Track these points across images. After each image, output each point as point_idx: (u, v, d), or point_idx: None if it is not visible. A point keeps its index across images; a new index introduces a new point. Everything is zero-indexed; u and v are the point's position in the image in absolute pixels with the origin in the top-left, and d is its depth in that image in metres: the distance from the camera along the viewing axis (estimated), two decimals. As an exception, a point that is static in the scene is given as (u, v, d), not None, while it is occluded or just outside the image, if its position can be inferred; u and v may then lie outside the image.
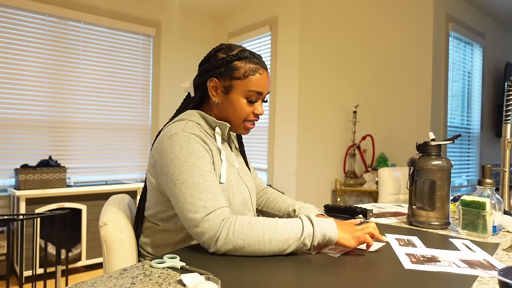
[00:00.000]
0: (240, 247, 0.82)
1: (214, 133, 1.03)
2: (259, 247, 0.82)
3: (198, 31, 4.02)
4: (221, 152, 1.00)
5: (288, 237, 0.83)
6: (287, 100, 3.27)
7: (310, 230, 0.84)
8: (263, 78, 1.01)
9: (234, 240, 0.82)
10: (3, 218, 1.98)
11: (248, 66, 0.99)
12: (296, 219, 0.87)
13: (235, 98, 1.00)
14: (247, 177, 1.11)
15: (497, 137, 4.43)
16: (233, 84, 1.00)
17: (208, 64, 1.03)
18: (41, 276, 2.69)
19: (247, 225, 0.83)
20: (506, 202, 1.41)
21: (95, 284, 0.66)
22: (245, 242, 0.82)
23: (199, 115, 1.03)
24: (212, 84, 1.02)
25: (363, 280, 0.70)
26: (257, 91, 1.00)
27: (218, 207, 0.86)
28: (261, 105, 1.05)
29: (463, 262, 0.82)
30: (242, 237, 0.82)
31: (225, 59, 0.99)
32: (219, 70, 1.00)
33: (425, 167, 1.18)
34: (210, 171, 0.92)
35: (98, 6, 3.31)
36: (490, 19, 4.13)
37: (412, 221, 1.21)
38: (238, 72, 0.99)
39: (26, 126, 2.98)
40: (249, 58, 1.00)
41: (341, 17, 3.31)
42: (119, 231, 0.98)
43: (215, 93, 1.03)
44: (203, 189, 0.87)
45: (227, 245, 0.82)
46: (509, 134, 1.43)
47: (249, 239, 0.82)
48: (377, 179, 2.93)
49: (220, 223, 0.84)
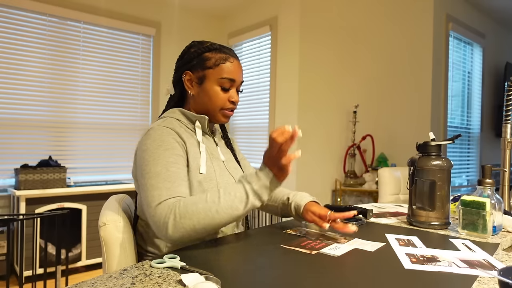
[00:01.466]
0: (191, 227, 0.83)
1: (194, 127, 1.07)
2: (209, 221, 0.83)
3: (198, 31, 4.02)
4: (200, 145, 1.03)
5: (233, 203, 0.85)
6: (287, 100, 3.27)
7: (252, 189, 0.86)
8: (234, 65, 1.05)
9: (182, 222, 0.83)
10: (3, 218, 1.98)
11: (219, 56, 1.04)
12: (238, 184, 0.89)
13: (209, 87, 1.04)
14: (235, 170, 1.14)
15: (497, 137, 4.43)
16: (206, 73, 1.04)
17: (182, 60, 1.08)
18: (41, 276, 2.69)
19: (191, 205, 0.85)
20: (506, 202, 1.41)
21: (95, 284, 0.66)
22: (193, 221, 0.83)
23: (179, 111, 1.08)
24: (187, 78, 1.07)
25: (363, 280, 0.70)
26: (229, 78, 1.04)
27: (171, 196, 0.87)
28: (236, 93, 1.08)
29: (463, 262, 0.82)
30: (189, 217, 0.83)
31: (196, 51, 1.05)
32: (192, 63, 1.06)
33: (425, 167, 1.18)
34: (176, 162, 0.93)
35: (98, 6, 3.31)
36: (490, 19, 4.13)
37: (412, 221, 1.21)
38: (209, 62, 1.04)
39: (26, 126, 2.98)
40: (219, 49, 1.05)
41: (341, 17, 3.31)
42: (119, 231, 0.98)
43: (191, 85, 1.07)
44: (162, 179, 0.89)
45: (177, 229, 0.83)
46: (509, 134, 1.43)
47: (197, 216, 0.83)
48: (377, 179, 2.93)
49: (167, 210, 0.85)
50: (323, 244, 0.94)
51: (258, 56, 3.68)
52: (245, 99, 3.84)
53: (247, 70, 3.82)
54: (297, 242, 0.95)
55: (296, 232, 1.07)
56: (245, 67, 3.86)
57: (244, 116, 3.85)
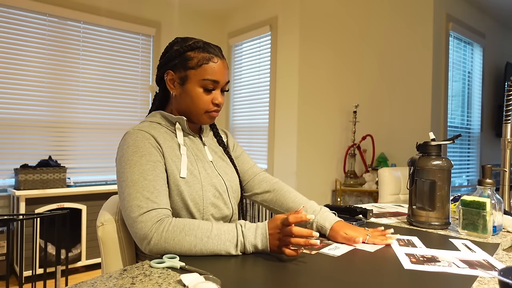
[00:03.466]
0: (172, 251, 0.83)
1: (175, 128, 1.03)
2: (191, 253, 0.83)
3: (198, 31, 4.02)
4: (181, 147, 0.99)
5: (220, 249, 0.83)
6: (287, 100, 3.27)
7: (243, 246, 0.84)
8: (218, 66, 1.00)
9: (165, 246, 0.83)
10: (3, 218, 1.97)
11: (202, 55, 0.99)
12: (232, 228, 0.85)
13: (191, 88, 1.00)
14: (225, 169, 1.09)
15: (497, 137, 4.43)
16: (188, 74, 0.99)
17: (164, 59, 1.04)
18: (41, 276, 2.69)
19: (179, 233, 0.83)
20: (506, 202, 1.41)
21: (95, 284, 0.66)
22: (176, 250, 0.83)
23: (160, 115, 1.04)
24: (169, 77, 1.02)
25: (363, 280, 0.70)
26: (212, 80, 0.99)
27: (152, 208, 0.86)
28: (220, 94, 1.03)
29: (463, 262, 0.82)
30: (173, 245, 0.82)
31: (179, 50, 1.00)
32: (174, 62, 1.01)
33: (425, 167, 1.18)
34: (153, 169, 0.91)
35: (98, 6, 3.31)
36: (490, 19, 4.12)
37: (412, 221, 1.21)
38: (192, 62, 0.99)
39: (26, 126, 2.98)
40: (202, 47, 1.00)
41: (341, 17, 3.31)
42: (117, 231, 0.98)
43: (173, 85, 1.03)
44: (140, 187, 0.87)
45: (158, 248, 0.83)
46: (509, 134, 1.43)
47: (180, 247, 0.82)
48: (377, 179, 2.93)
49: (151, 226, 0.84)
50: (323, 244, 0.94)
51: (258, 56, 3.68)
52: (245, 99, 3.84)
53: (247, 70, 3.82)
54: (297, 242, 0.95)
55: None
56: (245, 67, 3.86)
57: (244, 116, 3.85)
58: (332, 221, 1.02)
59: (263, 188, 1.18)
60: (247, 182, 1.20)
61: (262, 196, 1.18)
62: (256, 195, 1.19)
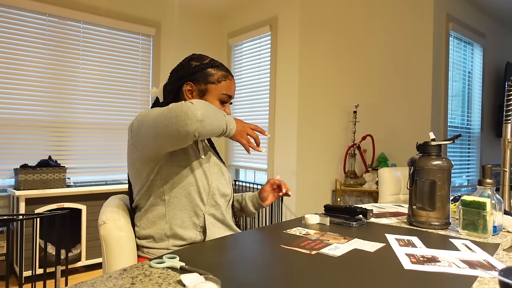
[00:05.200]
0: (206, 110, 0.94)
1: None
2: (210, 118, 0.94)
3: (198, 31, 4.02)
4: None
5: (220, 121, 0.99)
6: (287, 100, 3.26)
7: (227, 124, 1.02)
8: (232, 83, 1.19)
9: (202, 106, 0.94)
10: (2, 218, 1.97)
11: (221, 73, 1.16)
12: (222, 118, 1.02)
13: (210, 100, 1.15)
14: (220, 164, 1.24)
15: (498, 137, 4.43)
16: (208, 88, 1.14)
17: (182, 71, 1.16)
18: (41, 276, 2.69)
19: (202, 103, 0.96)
20: (507, 202, 1.41)
21: (95, 284, 0.66)
22: (208, 110, 0.95)
23: None
24: (188, 88, 1.15)
25: (363, 280, 0.70)
26: (228, 94, 1.16)
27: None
28: (228, 106, 1.21)
29: (463, 262, 0.82)
30: (205, 107, 0.96)
31: (200, 66, 1.15)
32: (195, 76, 1.14)
33: (425, 167, 1.18)
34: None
35: (98, 6, 3.31)
36: (490, 19, 4.12)
37: (412, 221, 1.21)
38: (212, 78, 1.15)
39: (26, 126, 2.98)
40: (220, 66, 1.17)
41: (341, 17, 3.31)
42: (118, 229, 0.98)
43: (191, 96, 1.15)
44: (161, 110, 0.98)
45: (198, 107, 0.93)
46: (510, 134, 1.43)
47: (209, 109, 0.96)
48: (377, 179, 2.93)
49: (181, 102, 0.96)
50: (323, 244, 0.94)
51: (258, 56, 3.68)
52: (245, 99, 3.84)
53: (247, 70, 3.82)
54: (297, 242, 0.95)
55: (296, 232, 1.07)
56: (245, 67, 3.86)
57: (244, 116, 3.85)
58: (253, 193, 1.35)
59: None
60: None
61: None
62: None
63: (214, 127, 0.95)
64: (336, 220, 1.19)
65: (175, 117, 0.89)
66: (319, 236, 1.02)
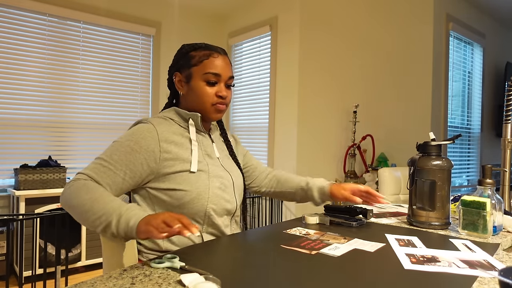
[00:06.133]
0: (67, 207, 0.88)
1: (188, 125, 1.08)
2: (76, 216, 0.86)
3: (198, 31, 4.02)
4: (193, 143, 1.04)
5: (94, 222, 0.83)
6: (287, 100, 3.27)
7: (117, 224, 0.81)
8: (219, 60, 1.07)
9: (65, 198, 0.89)
10: (2, 218, 1.97)
11: (202, 53, 1.06)
12: (117, 206, 0.83)
13: (195, 84, 1.06)
14: (231, 167, 1.15)
15: (498, 137, 4.43)
16: (192, 71, 1.06)
17: (172, 62, 1.13)
18: (41, 276, 2.69)
19: (81, 193, 0.87)
20: (507, 202, 1.41)
21: (95, 284, 0.66)
22: (70, 205, 0.87)
23: (174, 111, 1.10)
24: (177, 79, 1.09)
25: (363, 280, 0.70)
26: (213, 72, 1.05)
27: (89, 178, 0.91)
28: (224, 87, 1.08)
29: (463, 262, 0.82)
30: (71, 200, 0.87)
31: (182, 52, 1.09)
32: (179, 63, 1.09)
33: (425, 167, 1.18)
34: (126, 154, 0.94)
35: (98, 6, 3.31)
36: (490, 19, 4.12)
37: (412, 221, 1.21)
38: (194, 60, 1.06)
39: (26, 126, 2.98)
40: (204, 47, 1.08)
41: (341, 17, 3.31)
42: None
43: (181, 86, 1.10)
44: (102, 160, 0.93)
45: (62, 197, 0.90)
46: (510, 134, 1.43)
47: (73, 208, 0.86)
48: (377, 179, 2.93)
49: (74, 178, 0.92)
50: (322, 244, 0.94)
51: (258, 56, 3.68)
52: (245, 99, 3.84)
53: (247, 70, 3.82)
54: (297, 242, 0.95)
55: (296, 232, 1.07)
56: (245, 67, 3.86)
57: (244, 116, 3.85)
58: (328, 182, 1.26)
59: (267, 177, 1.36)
60: (256, 178, 1.34)
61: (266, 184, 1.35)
62: (264, 187, 1.34)
63: (89, 222, 0.83)
64: (336, 220, 1.18)
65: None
66: (319, 236, 1.02)
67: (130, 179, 0.95)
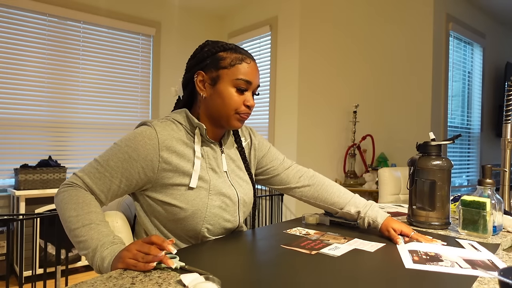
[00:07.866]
0: (59, 211, 0.88)
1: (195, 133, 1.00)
2: (64, 224, 0.86)
3: (198, 31, 4.02)
4: (196, 155, 0.96)
5: (78, 243, 0.82)
6: (287, 100, 3.26)
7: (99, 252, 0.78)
8: (251, 67, 0.98)
9: (57, 203, 0.89)
10: (3, 218, 1.97)
11: (234, 56, 0.97)
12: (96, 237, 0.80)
13: (223, 88, 0.96)
14: (240, 181, 1.06)
15: (498, 137, 4.43)
16: (220, 74, 0.96)
17: (194, 60, 1.01)
18: (41, 276, 2.69)
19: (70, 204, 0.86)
20: (507, 202, 1.41)
21: (95, 284, 0.66)
22: (60, 212, 0.87)
23: (184, 114, 1.01)
24: (199, 78, 0.99)
25: (363, 280, 0.70)
26: (245, 80, 0.96)
27: (82, 184, 0.91)
28: (251, 96, 1.00)
29: (466, 261, 0.82)
30: (62, 208, 0.87)
31: (210, 51, 0.98)
32: (205, 62, 0.98)
33: (425, 167, 1.18)
34: (123, 161, 0.91)
35: (98, 6, 3.31)
36: (490, 19, 4.12)
37: (412, 221, 1.21)
38: (224, 62, 0.96)
39: (26, 126, 2.98)
40: (234, 49, 0.98)
41: (341, 17, 3.31)
42: (116, 231, 0.97)
43: (203, 87, 0.99)
44: (97, 165, 0.92)
45: (56, 199, 0.90)
46: (510, 134, 1.43)
47: (62, 215, 0.86)
48: (377, 179, 2.93)
49: (67, 181, 0.92)
50: (322, 244, 0.94)
51: (258, 56, 3.68)
52: (245, 99, 3.84)
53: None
54: (297, 242, 0.95)
55: (296, 232, 1.07)
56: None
57: (244, 116, 3.85)
58: (383, 216, 1.07)
59: (301, 182, 1.17)
60: (278, 174, 1.18)
61: (301, 191, 1.17)
62: (293, 189, 1.17)
63: (72, 241, 0.83)
64: (336, 220, 1.18)
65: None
66: (319, 236, 1.02)
67: (126, 186, 0.92)
